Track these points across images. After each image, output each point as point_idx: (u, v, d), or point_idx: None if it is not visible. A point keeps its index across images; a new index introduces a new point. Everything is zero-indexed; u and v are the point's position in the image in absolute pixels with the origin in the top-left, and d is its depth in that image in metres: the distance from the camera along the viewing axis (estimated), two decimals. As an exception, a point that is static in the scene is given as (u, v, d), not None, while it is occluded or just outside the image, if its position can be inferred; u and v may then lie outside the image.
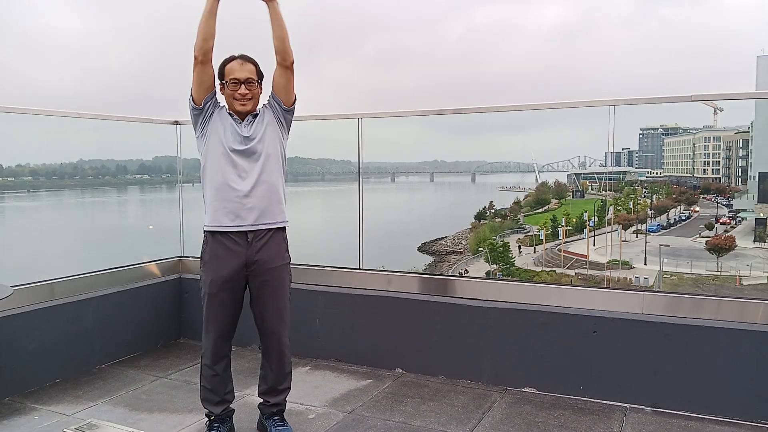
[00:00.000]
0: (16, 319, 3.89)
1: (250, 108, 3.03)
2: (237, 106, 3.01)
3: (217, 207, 3.00)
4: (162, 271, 5.03)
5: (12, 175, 8.75)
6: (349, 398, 3.82)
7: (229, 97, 3.02)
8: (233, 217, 2.98)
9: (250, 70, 3.02)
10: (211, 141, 3.02)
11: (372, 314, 4.38)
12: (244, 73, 2.99)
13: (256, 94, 3.05)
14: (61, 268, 4.51)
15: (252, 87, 3.01)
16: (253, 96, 3.03)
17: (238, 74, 2.99)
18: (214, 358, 3.12)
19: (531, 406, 3.66)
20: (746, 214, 43.49)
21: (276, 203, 3.07)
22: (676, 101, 4.03)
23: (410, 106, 17.79)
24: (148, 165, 8.17)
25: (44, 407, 3.68)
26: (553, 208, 52.42)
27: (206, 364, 3.15)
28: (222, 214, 2.99)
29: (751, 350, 3.39)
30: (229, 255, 3.00)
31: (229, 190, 2.98)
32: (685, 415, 3.46)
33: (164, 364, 4.45)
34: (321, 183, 11.22)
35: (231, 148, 2.98)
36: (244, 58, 3.04)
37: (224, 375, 3.18)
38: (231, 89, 2.99)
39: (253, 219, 3.00)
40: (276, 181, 3.07)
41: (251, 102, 3.02)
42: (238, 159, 2.99)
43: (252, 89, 3.01)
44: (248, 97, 3.00)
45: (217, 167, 3.00)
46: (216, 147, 3.01)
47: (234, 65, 3.01)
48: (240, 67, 3.01)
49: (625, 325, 3.66)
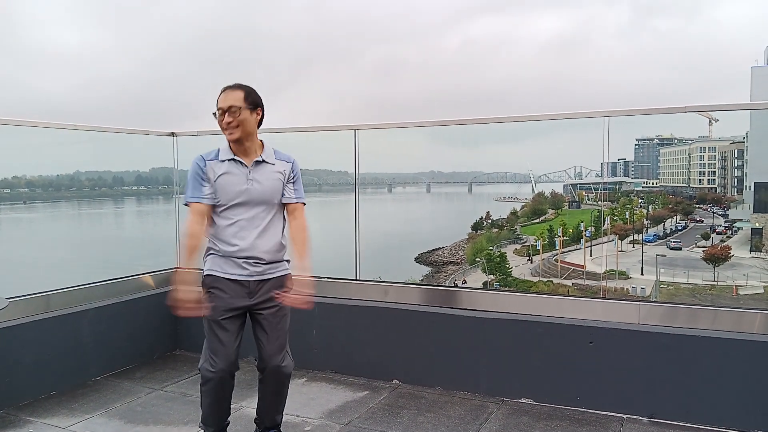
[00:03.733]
0: (11, 331, 3.87)
1: (238, 136, 2.95)
2: (226, 135, 2.98)
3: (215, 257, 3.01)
4: (157, 283, 5.02)
5: (8, 187, 8.73)
6: (346, 410, 3.80)
7: (220, 128, 2.99)
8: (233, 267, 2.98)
9: (234, 98, 2.95)
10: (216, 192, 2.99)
11: (368, 325, 4.37)
12: (226, 102, 2.94)
13: (243, 120, 2.94)
14: (57, 279, 4.50)
15: (234, 114, 2.92)
16: (239, 123, 2.93)
17: (221, 104, 2.95)
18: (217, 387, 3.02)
19: (528, 417, 3.65)
20: (742, 224, 43.60)
21: (278, 252, 3.06)
22: (671, 112, 4.04)
23: (407, 117, 17.85)
24: (144, 176, 8.17)
25: (39, 420, 3.66)
26: (550, 219, 52.52)
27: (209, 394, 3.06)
28: (222, 261, 3.00)
29: (748, 360, 3.39)
30: (232, 290, 3.00)
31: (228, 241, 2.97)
32: (682, 425, 3.46)
33: (160, 376, 4.43)
34: (318, 194, 11.24)
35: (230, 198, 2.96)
36: (231, 87, 2.99)
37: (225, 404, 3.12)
38: (219, 119, 2.97)
39: (255, 272, 2.99)
40: (277, 229, 3.06)
41: (238, 130, 2.94)
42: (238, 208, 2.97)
43: (235, 116, 2.93)
44: (233, 125, 2.93)
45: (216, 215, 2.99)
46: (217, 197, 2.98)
47: (221, 96, 2.97)
48: (224, 96, 2.96)
49: (621, 335, 3.66)
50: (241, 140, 2.97)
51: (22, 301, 4.04)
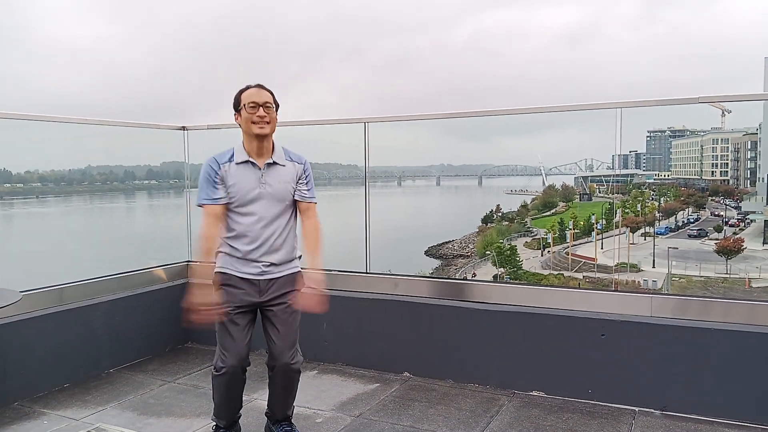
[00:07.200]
0: (25, 324, 3.91)
1: (268, 131, 3.00)
2: (255, 129, 2.97)
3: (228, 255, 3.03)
4: (170, 276, 5.05)
5: (21, 182, 8.81)
6: (357, 402, 3.82)
7: (246, 121, 2.99)
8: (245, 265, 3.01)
9: (267, 96, 3.02)
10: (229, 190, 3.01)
11: (379, 318, 4.38)
12: (262, 98, 3.00)
13: (273, 119, 3.03)
14: (70, 273, 4.53)
15: (270, 110, 3.00)
16: (271, 120, 3.01)
17: (255, 98, 2.99)
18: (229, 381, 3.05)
19: (539, 409, 3.64)
20: (755, 216, 43.23)
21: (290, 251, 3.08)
22: (683, 103, 4.00)
23: (417, 110, 18.04)
24: (155, 170, 8.20)
25: (53, 412, 3.69)
26: (561, 211, 52.27)
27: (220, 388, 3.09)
28: (234, 260, 3.02)
29: (761, 352, 3.36)
30: (243, 286, 3.02)
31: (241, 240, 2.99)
32: (695, 418, 3.44)
33: (172, 369, 4.46)
34: (328, 187, 11.26)
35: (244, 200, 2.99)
36: (261, 87, 3.06)
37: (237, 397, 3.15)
38: (249, 112, 2.97)
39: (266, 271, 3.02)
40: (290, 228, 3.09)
41: (269, 126, 3.00)
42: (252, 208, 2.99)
43: (270, 112, 3.00)
44: (266, 120, 2.98)
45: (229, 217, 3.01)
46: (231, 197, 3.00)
47: (251, 91, 3.02)
48: (257, 92, 3.02)
49: (633, 328, 3.65)
50: (267, 137, 3.01)
51: (36, 295, 4.07)
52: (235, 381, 3.06)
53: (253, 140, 3.01)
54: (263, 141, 3.01)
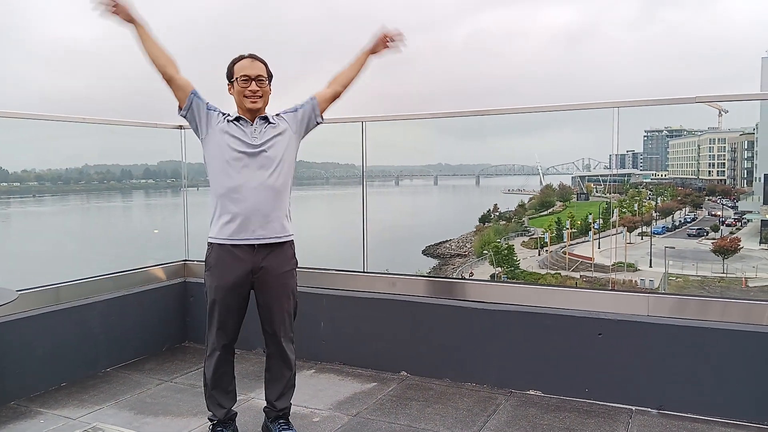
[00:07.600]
0: (21, 324, 3.90)
1: (260, 106, 2.98)
2: (247, 104, 2.96)
3: (222, 218, 2.98)
4: (167, 275, 5.04)
5: (18, 181, 8.78)
6: (354, 401, 3.81)
7: (239, 94, 2.97)
8: (238, 230, 2.95)
9: (260, 68, 3.00)
10: (215, 147, 2.98)
11: (376, 317, 4.38)
12: (254, 71, 2.97)
13: (266, 92, 3.01)
14: (67, 272, 4.52)
15: (262, 84, 2.98)
16: (263, 94, 2.99)
17: (248, 71, 2.96)
18: (218, 362, 3.10)
19: (536, 408, 3.65)
20: (752, 215, 43.33)
21: (282, 215, 3.03)
22: (680, 103, 4.00)
23: (415, 110, 17.98)
24: (153, 170, 8.20)
25: (50, 411, 3.69)
26: (558, 211, 52.34)
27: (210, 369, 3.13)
28: (227, 226, 2.96)
29: (758, 352, 3.37)
30: (235, 262, 2.97)
31: (234, 199, 2.94)
32: (692, 417, 3.45)
33: (169, 368, 4.45)
34: (325, 186, 11.24)
35: (236, 155, 2.93)
36: (253, 57, 3.02)
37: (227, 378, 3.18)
38: (241, 86, 2.95)
39: (259, 232, 2.95)
40: (283, 190, 3.02)
41: (261, 100, 2.98)
42: (244, 164, 2.93)
43: (262, 86, 2.98)
44: (258, 95, 2.96)
45: (221, 174, 2.96)
46: (221, 153, 2.95)
47: (244, 63, 2.99)
48: (250, 64, 2.99)
49: (630, 327, 3.65)
50: (260, 111, 3.00)
51: (32, 294, 4.06)
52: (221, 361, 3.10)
53: (246, 113, 3.00)
54: (256, 114, 3.01)
